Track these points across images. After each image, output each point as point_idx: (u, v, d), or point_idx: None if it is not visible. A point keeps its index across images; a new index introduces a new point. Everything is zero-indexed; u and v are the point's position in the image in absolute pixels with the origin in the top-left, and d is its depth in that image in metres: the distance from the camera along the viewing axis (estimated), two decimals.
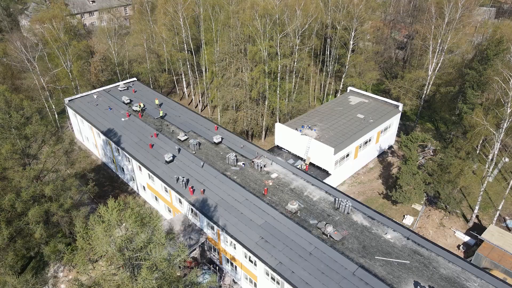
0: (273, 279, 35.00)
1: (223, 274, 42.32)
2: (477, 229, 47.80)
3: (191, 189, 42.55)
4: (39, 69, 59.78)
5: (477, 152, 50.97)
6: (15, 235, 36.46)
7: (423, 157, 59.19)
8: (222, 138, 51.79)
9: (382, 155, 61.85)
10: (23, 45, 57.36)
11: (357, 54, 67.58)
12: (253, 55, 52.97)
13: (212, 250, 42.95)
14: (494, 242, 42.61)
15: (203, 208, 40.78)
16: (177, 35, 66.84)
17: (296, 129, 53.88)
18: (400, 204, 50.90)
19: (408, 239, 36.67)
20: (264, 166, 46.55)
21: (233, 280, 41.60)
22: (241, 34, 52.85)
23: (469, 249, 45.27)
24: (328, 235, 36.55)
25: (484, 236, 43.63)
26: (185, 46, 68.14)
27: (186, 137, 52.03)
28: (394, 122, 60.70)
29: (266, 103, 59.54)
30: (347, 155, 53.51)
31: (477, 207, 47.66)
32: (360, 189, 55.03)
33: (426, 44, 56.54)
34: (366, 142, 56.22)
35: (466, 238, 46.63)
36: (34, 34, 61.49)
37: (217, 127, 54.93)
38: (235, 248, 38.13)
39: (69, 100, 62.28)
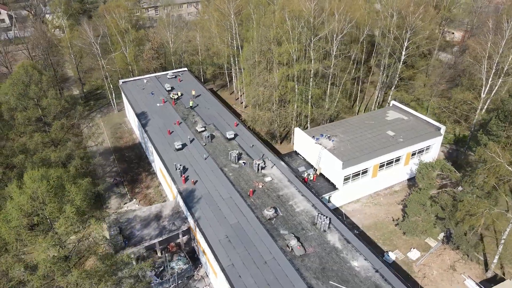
0: None
1: (200, 265, 43.40)
2: (495, 282, 40.96)
3: (184, 178, 44.34)
4: (101, 52, 67.37)
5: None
6: None
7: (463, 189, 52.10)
8: (235, 135, 52.52)
9: (413, 180, 56.07)
10: (90, 30, 65.23)
11: (409, 67, 61.92)
12: (278, 56, 52.36)
13: (194, 240, 44.29)
14: None
15: (187, 197, 42.28)
16: (228, 30, 68.94)
17: (313, 136, 51.95)
18: (411, 235, 45.94)
19: (377, 271, 33.38)
20: (263, 168, 46.16)
21: (206, 273, 42.43)
22: (271, 34, 52.53)
23: None
24: (291, 248, 35.14)
25: None
26: (234, 42, 70.00)
27: (203, 129, 53.97)
28: (433, 145, 54.50)
29: (295, 106, 58.35)
30: (364, 172, 49.97)
31: (496, 256, 40.79)
32: (374, 211, 50.93)
33: (478, 63, 49.29)
34: (391, 162, 51.71)
35: None
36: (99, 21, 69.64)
37: (237, 124, 55.76)
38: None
39: (122, 82, 69.02)
